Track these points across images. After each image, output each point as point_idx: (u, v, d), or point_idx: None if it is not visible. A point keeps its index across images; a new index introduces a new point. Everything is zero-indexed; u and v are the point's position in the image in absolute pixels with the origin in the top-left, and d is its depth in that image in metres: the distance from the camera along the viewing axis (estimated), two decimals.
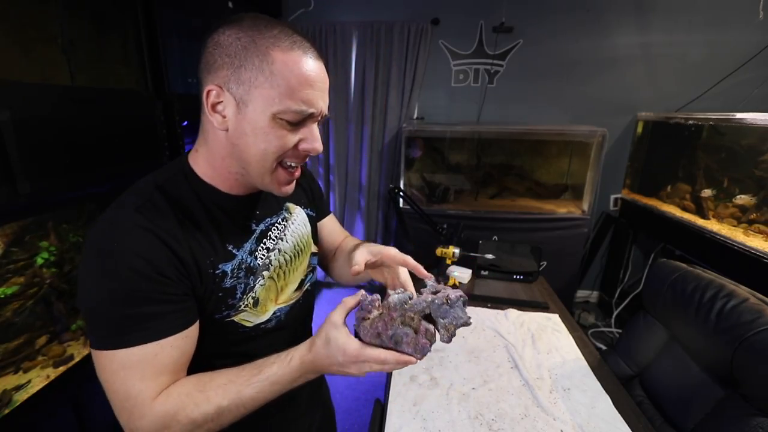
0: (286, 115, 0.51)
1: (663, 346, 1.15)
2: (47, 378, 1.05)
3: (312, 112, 0.53)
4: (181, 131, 1.48)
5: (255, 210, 0.64)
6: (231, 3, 2.02)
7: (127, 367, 0.48)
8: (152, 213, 0.52)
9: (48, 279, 1.14)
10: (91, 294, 0.48)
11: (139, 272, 0.48)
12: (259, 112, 0.51)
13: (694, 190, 2.13)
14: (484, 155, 2.72)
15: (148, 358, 0.49)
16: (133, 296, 0.48)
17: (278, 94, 0.50)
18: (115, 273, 0.47)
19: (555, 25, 2.45)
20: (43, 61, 1.11)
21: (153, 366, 0.49)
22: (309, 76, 0.52)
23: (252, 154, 0.54)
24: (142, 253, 0.48)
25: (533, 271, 1.64)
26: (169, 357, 0.50)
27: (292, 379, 0.53)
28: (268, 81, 0.50)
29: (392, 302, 0.52)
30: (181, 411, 0.49)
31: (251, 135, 0.52)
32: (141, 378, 0.49)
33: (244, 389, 0.51)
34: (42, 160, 0.98)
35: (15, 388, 1.00)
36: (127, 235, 0.49)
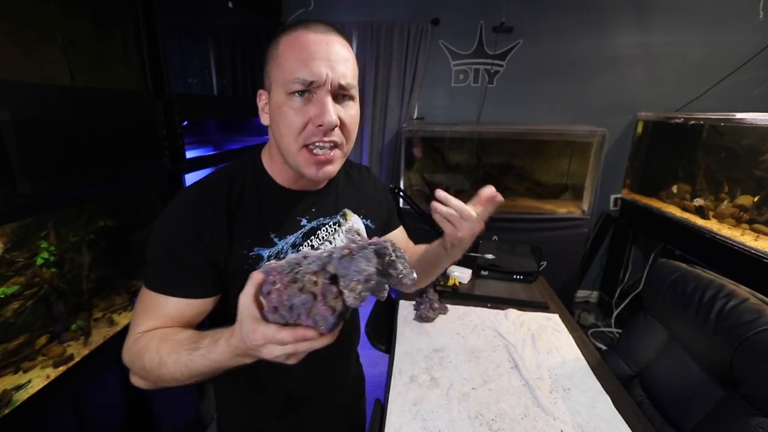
0: (292, 86, 0.54)
1: (663, 346, 1.15)
2: (47, 378, 1.05)
3: (313, 80, 0.54)
4: (181, 131, 1.48)
5: (311, 207, 0.68)
6: (231, 3, 2.02)
7: (142, 303, 0.59)
8: (211, 192, 0.61)
9: (48, 279, 1.14)
10: (151, 240, 0.59)
11: (182, 232, 0.57)
12: (276, 94, 0.57)
13: (694, 190, 2.13)
14: (484, 155, 2.72)
15: (155, 305, 0.58)
16: (168, 250, 0.58)
17: (282, 69, 0.55)
18: (166, 231, 0.59)
19: (555, 25, 2.44)
20: (43, 61, 1.11)
21: (155, 312, 0.58)
22: (306, 45, 0.55)
23: (281, 137, 0.58)
24: (190, 219, 0.58)
25: (533, 271, 1.64)
26: (167, 312, 0.58)
27: (223, 359, 0.48)
28: (276, 64, 0.56)
29: (282, 264, 0.43)
30: (143, 350, 0.54)
31: (274, 121, 0.59)
32: (144, 316, 0.58)
33: (183, 353, 0.52)
34: (42, 160, 0.98)
35: (15, 388, 1.00)
36: (189, 200, 0.60)
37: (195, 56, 2.04)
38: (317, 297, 0.40)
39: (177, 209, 0.60)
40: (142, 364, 0.54)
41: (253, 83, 2.49)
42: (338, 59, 0.56)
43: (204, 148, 1.95)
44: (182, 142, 1.49)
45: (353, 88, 0.59)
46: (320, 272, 0.41)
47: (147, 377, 0.55)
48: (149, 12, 1.36)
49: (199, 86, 2.07)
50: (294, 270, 0.42)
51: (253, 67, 2.47)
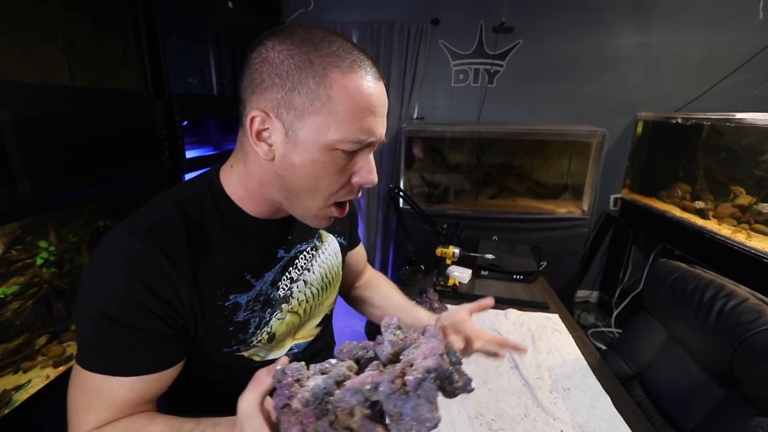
0: (343, 145, 0.45)
1: (663, 346, 1.15)
2: (47, 378, 1.05)
3: (372, 141, 0.47)
4: (181, 131, 1.48)
5: (287, 236, 0.58)
6: (231, 3, 2.02)
7: (83, 389, 0.46)
8: (163, 235, 0.47)
9: (48, 279, 1.14)
10: (81, 307, 0.47)
11: (128, 301, 0.45)
12: (312, 141, 0.44)
13: (694, 190, 2.13)
14: (484, 155, 2.72)
15: (103, 390, 0.45)
16: (111, 318, 0.45)
17: (336, 121, 0.44)
18: (108, 298, 0.45)
19: (555, 25, 2.44)
20: (43, 61, 1.11)
21: (104, 400, 0.46)
22: (371, 101, 0.45)
23: (301, 187, 0.48)
24: (137, 282, 0.45)
25: (533, 271, 1.64)
26: (124, 396, 0.46)
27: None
28: (325, 107, 0.43)
29: (306, 396, 0.33)
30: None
31: (301, 167, 0.46)
32: (87, 406, 0.46)
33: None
34: (42, 160, 0.98)
35: (15, 388, 1.00)
36: (129, 259, 0.46)
37: (195, 56, 2.04)
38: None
39: (119, 267, 0.45)
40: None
41: None
42: (385, 113, 0.49)
43: (204, 148, 1.95)
44: (182, 142, 1.49)
45: None
46: (359, 403, 0.33)
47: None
48: (149, 12, 1.36)
49: (199, 86, 2.07)
50: (322, 403, 0.33)
51: None
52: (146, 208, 0.51)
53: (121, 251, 0.46)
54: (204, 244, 0.50)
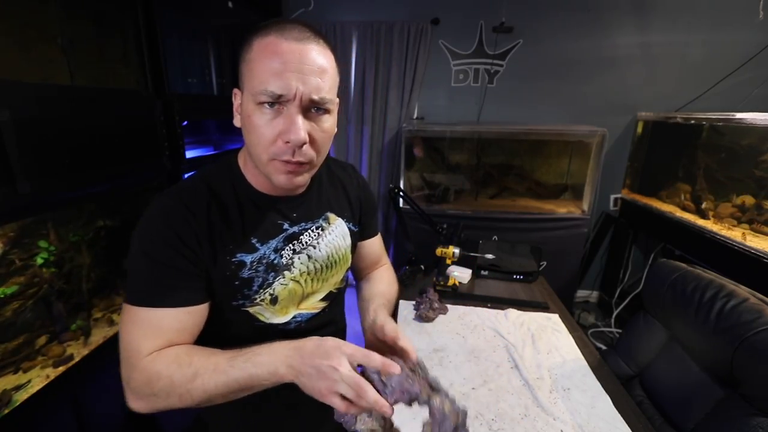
0: (261, 97, 0.51)
1: (663, 346, 1.15)
2: (47, 378, 1.05)
3: (281, 94, 0.50)
4: (181, 131, 1.48)
5: (292, 212, 0.66)
6: (231, 3, 2.02)
7: (137, 323, 0.54)
8: (190, 196, 0.58)
9: (48, 279, 1.14)
10: (132, 248, 0.56)
11: (166, 240, 0.55)
12: (246, 100, 0.54)
13: (694, 190, 2.13)
14: (484, 155, 2.72)
15: (153, 321, 0.54)
16: (155, 260, 0.55)
17: (252, 77, 0.52)
18: (150, 241, 0.55)
19: (555, 25, 2.44)
20: (43, 61, 1.11)
21: (155, 328, 0.54)
22: (277, 55, 0.50)
23: (252, 145, 0.56)
24: (173, 226, 0.55)
25: (533, 271, 1.64)
26: (170, 326, 0.55)
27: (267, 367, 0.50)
28: (248, 67, 0.53)
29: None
30: (164, 369, 0.52)
31: (246, 124, 0.55)
32: (143, 336, 0.54)
33: (223, 361, 0.51)
34: (42, 160, 0.98)
35: (15, 388, 1.00)
36: (167, 208, 0.57)
37: (195, 56, 2.04)
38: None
39: (157, 217, 0.57)
40: (167, 382, 0.51)
41: None
42: (312, 71, 0.52)
43: (204, 148, 1.95)
44: (182, 142, 1.49)
45: (329, 102, 0.54)
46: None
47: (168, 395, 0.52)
48: (149, 12, 1.36)
49: (199, 86, 2.07)
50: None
51: None
52: (187, 180, 0.62)
53: (158, 207, 0.57)
54: (219, 209, 0.59)
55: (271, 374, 0.50)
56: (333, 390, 0.48)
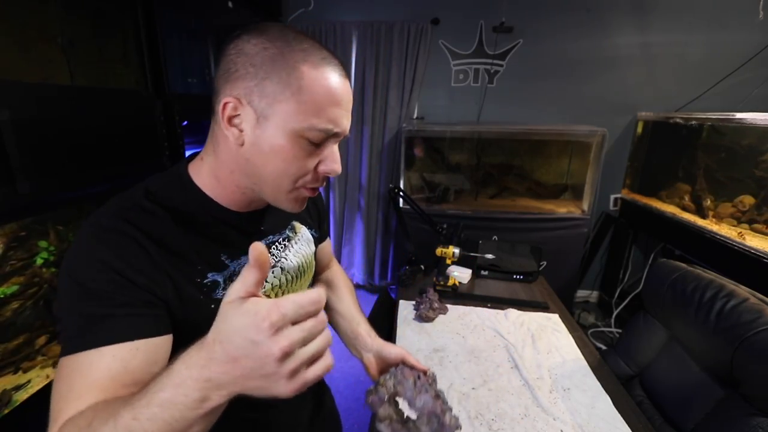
0: (309, 133, 0.48)
1: (663, 346, 1.15)
2: (47, 378, 1.05)
3: (336, 132, 0.50)
4: (181, 131, 1.48)
5: (259, 226, 0.61)
6: (231, 3, 2.02)
7: (64, 377, 0.42)
8: (137, 215, 0.49)
9: (48, 279, 1.14)
10: (59, 294, 0.46)
11: (102, 271, 0.44)
12: (280, 128, 0.48)
13: (694, 189, 2.13)
14: (484, 155, 2.72)
15: (83, 367, 0.42)
16: (87, 293, 0.44)
17: (304, 110, 0.47)
18: (77, 267, 0.45)
19: (555, 25, 2.44)
20: (43, 60, 1.11)
21: (85, 378, 0.41)
22: (337, 94, 0.49)
23: (268, 172, 0.50)
24: (107, 254, 0.45)
25: (533, 271, 1.64)
26: (105, 369, 0.42)
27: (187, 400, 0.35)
28: (294, 96, 0.47)
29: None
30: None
31: (269, 153, 0.49)
32: (68, 392, 0.41)
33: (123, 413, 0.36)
34: (42, 160, 0.98)
35: (15, 387, 1.00)
36: (101, 233, 0.46)
37: (195, 56, 2.04)
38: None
39: (95, 241, 0.46)
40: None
41: None
42: (350, 108, 0.53)
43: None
44: (182, 142, 1.49)
45: None
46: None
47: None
48: (149, 12, 1.36)
49: (199, 86, 2.07)
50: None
51: None
52: (112, 201, 0.52)
53: (92, 234, 0.47)
54: (177, 225, 0.51)
55: (194, 406, 0.35)
56: (292, 382, 0.34)
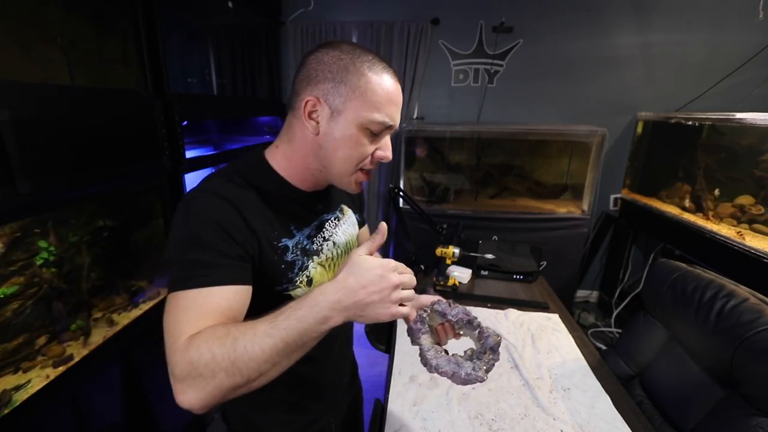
0: (371, 125, 0.61)
1: (663, 346, 1.15)
2: (47, 378, 1.05)
3: (391, 125, 0.63)
4: (181, 131, 1.48)
5: (318, 204, 0.73)
6: (231, 3, 2.02)
7: (181, 308, 0.53)
8: (233, 186, 0.62)
9: (48, 279, 1.14)
10: (171, 242, 0.57)
11: (209, 227, 0.56)
12: (350, 121, 0.61)
13: (694, 189, 2.13)
14: (484, 155, 2.72)
15: (198, 301, 0.53)
16: (199, 244, 0.55)
17: (369, 107, 0.60)
18: (190, 224, 0.56)
19: (555, 25, 2.45)
20: (43, 61, 1.11)
21: (200, 309, 0.52)
22: (393, 95, 0.63)
23: (338, 157, 0.63)
24: (216, 215, 0.57)
25: (533, 271, 1.64)
26: (216, 305, 0.53)
27: (317, 316, 0.50)
28: (362, 96, 0.60)
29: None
30: (203, 344, 0.48)
31: (340, 140, 0.62)
32: (187, 319, 0.52)
33: (261, 325, 0.50)
34: (42, 160, 0.98)
35: (15, 388, 1.00)
36: (208, 199, 0.59)
37: (195, 56, 2.04)
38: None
39: (197, 209, 0.58)
40: (209, 357, 0.47)
41: (253, 83, 2.49)
42: (401, 106, 0.66)
43: (204, 148, 1.95)
44: (182, 142, 1.49)
45: None
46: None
47: (213, 373, 0.47)
48: (149, 12, 1.36)
49: (199, 86, 2.07)
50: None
51: (252, 67, 2.47)
52: (210, 176, 0.64)
53: (196, 201, 0.59)
54: (263, 197, 0.64)
55: (320, 323, 0.50)
56: (395, 307, 0.53)
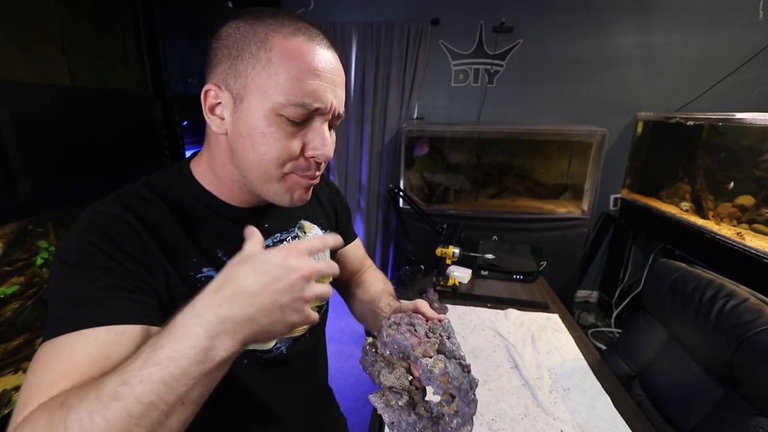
0: (286, 110, 0.44)
1: (663, 346, 1.15)
2: None
3: (318, 107, 0.45)
4: (181, 131, 1.48)
5: (262, 223, 0.57)
6: (231, 3, 2.02)
7: (38, 364, 0.38)
8: (134, 202, 0.47)
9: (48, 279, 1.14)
10: (49, 278, 0.43)
11: (90, 253, 0.41)
12: (255, 107, 0.44)
13: (695, 190, 2.13)
14: (484, 155, 2.72)
15: (62, 351, 0.37)
16: (74, 276, 0.41)
17: (276, 83, 0.43)
18: (69, 250, 0.42)
19: (555, 25, 2.44)
20: (43, 61, 1.11)
21: (61, 363, 0.37)
22: (313, 64, 0.44)
23: (250, 159, 0.46)
24: (105, 237, 0.43)
25: (533, 271, 1.64)
26: (86, 353, 0.37)
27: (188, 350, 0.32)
28: (265, 69, 0.43)
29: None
30: (27, 426, 0.33)
31: (247, 136, 0.45)
32: (39, 379, 0.36)
33: (108, 384, 0.32)
34: (41, 160, 0.98)
35: (15, 388, 1.00)
36: (99, 220, 0.44)
37: (195, 56, 2.04)
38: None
39: (88, 223, 0.44)
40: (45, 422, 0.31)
41: None
42: (340, 83, 0.48)
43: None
44: (182, 142, 1.49)
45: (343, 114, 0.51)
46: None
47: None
48: (149, 12, 1.36)
49: (199, 86, 2.07)
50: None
51: None
52: (125, 189, 0.51)
53: (86, 218, 0.45)
54: (177, 218, 0.49)
55: (199, 361, 0.33)
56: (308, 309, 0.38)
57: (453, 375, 0.44)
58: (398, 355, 0.48)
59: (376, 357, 0.49)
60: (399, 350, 0.48)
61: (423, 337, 0.48)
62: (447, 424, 0.43)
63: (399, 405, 0.45)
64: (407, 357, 0.47)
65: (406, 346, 0.47)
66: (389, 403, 0.45)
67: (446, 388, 0.44)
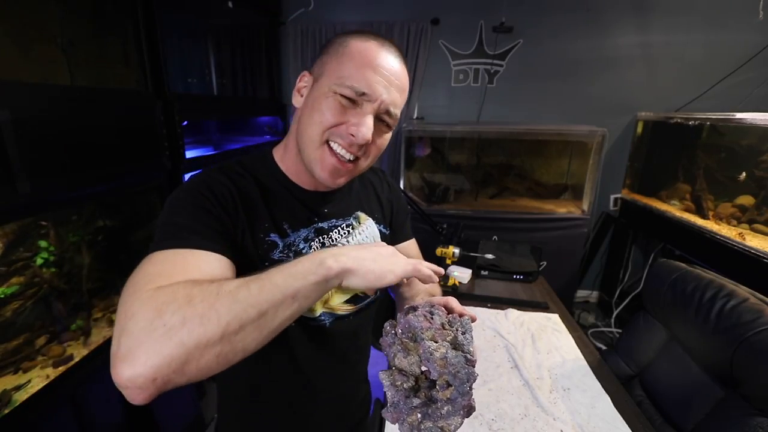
0: (341, 89, 0.54)
1: (663, 346, 1.15)
2: (47, 378, 1.05)
3: (365, 92, 0.55)
4: (181, 131, 1.48)
5: (323, 208, 0.67)
6: (231, 3, 2.02)
7: (152, 263, 0.46)
8: (233, 175, 0.60)
9: (48, 279, 1.14)
10: (164, 210, 0.54)
11: (203, 195, 0.54)
12: (323, 85, 0.56)
13: (694, 189, 2.13)
14: (484, 155, 2.72)
15: (177, 259, 0.46)
16: (188, 209, 0.52)
17: (341, 69, 0.55)
18: (184, 191, 0.55)
19: (555, 25, 2.45)
20: (43, 61, 1.11)
21: (175, 265, 0.45)
22: (373, 61, 0.55)
23: (305, 124, 0.58)
24: (213, 186, 0.55)
25: (533, 271, 1.64)
26: (195, 266, 0.46)
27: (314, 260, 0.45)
28: (337, 59, 0.56)
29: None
30: (180, 288, 0.40)
31: (310, 106, 0.57)
32: (160, 273, 0.44)
33: (246, 277, 0.43)
34: (42, 160, 0.98)
35: (15, 388, 1.00)
36: (209, 174, 0.58)
37: (195, 56, 2.04)
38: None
39: (201, 181, 0.56)
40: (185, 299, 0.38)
41: (253, 83, 2.49)
42: (397, 86, 0.58)
43: (204, 148, 1.96)
44: (182, 142, 1.49)
45: (396, 118, 0.60)
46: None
47: (184, 321, 0.37)
48: (149, 12, 1.36)
49: (199, 86, 2.07)
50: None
51: (252, 67, 2.47)
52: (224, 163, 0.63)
53: (199, 177, 0.58)
54: (258, 190, 0.61)
55: (317, 264, 0.45)
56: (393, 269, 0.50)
57: (452, 362, 0.44)
58: (408, 335, 0.50)
59: (395, 339, 0.51)
60: (409, 331, 0.50)
61: (436, 325, 0.50)
62: (438, 410, 0.44)
63: (404, 387, 0.47)
64: (416, 338, 0.49)
65: (416, 328, 0.49)
66: (395, 383, 0.47)
67: (442, 371, 0.45)
